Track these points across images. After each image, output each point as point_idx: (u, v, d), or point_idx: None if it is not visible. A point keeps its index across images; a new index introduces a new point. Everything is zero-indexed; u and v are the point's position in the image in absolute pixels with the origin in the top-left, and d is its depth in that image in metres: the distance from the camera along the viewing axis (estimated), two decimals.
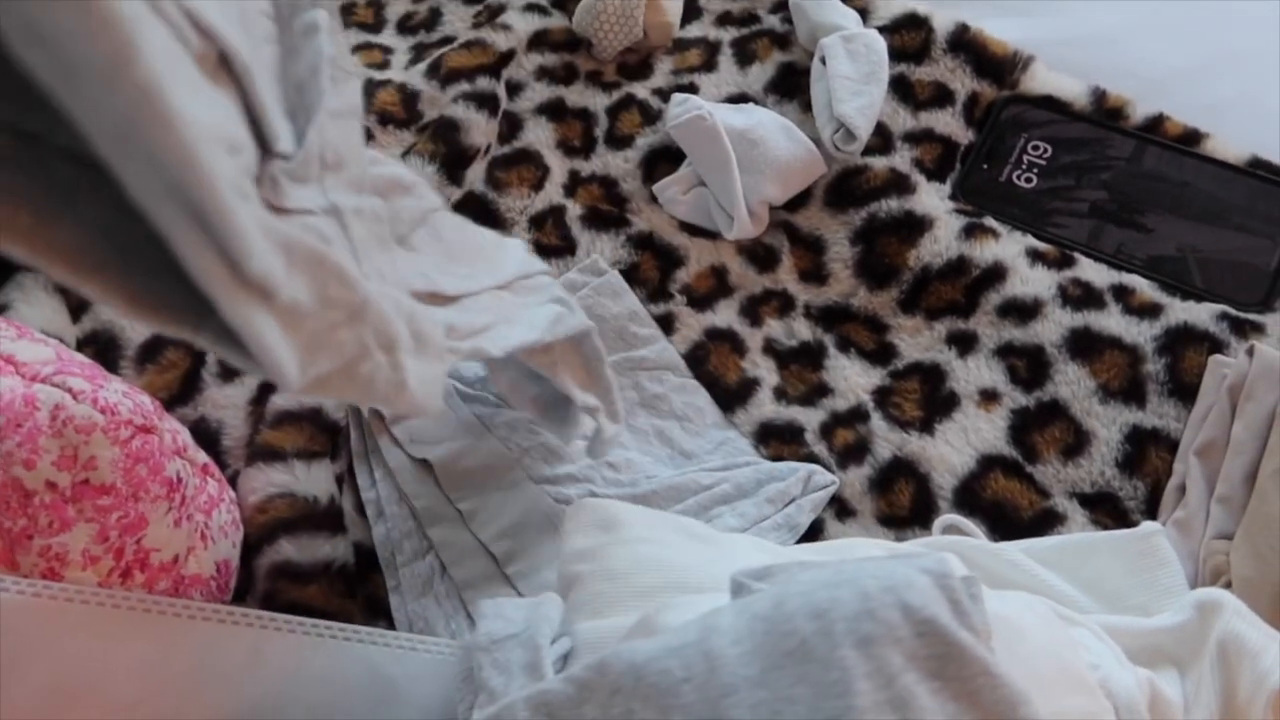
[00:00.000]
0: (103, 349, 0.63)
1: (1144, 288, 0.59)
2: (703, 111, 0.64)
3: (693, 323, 0.62)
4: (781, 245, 0.64)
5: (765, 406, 0.59)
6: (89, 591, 0.43)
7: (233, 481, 0.57)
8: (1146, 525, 0.50)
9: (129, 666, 0.44)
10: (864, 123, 0.63)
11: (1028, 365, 0.58)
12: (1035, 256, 0.61)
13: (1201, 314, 0.58)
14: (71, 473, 0.42)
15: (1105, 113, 0.66)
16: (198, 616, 0.47)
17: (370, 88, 0.74)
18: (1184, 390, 0.56)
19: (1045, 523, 0.53)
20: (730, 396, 0.59)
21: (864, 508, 0.56)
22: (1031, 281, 0.60)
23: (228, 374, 0.62)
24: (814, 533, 0.55)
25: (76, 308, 0.65)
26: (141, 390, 0.49)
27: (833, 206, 0.65)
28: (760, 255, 0.64)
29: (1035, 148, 0.65)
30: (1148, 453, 0.54)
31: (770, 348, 0.61)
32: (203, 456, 0.51)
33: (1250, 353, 0.53)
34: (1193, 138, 0.64)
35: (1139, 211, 0.62)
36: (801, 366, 0.61)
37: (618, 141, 0.69)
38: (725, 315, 0.62)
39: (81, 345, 0.61)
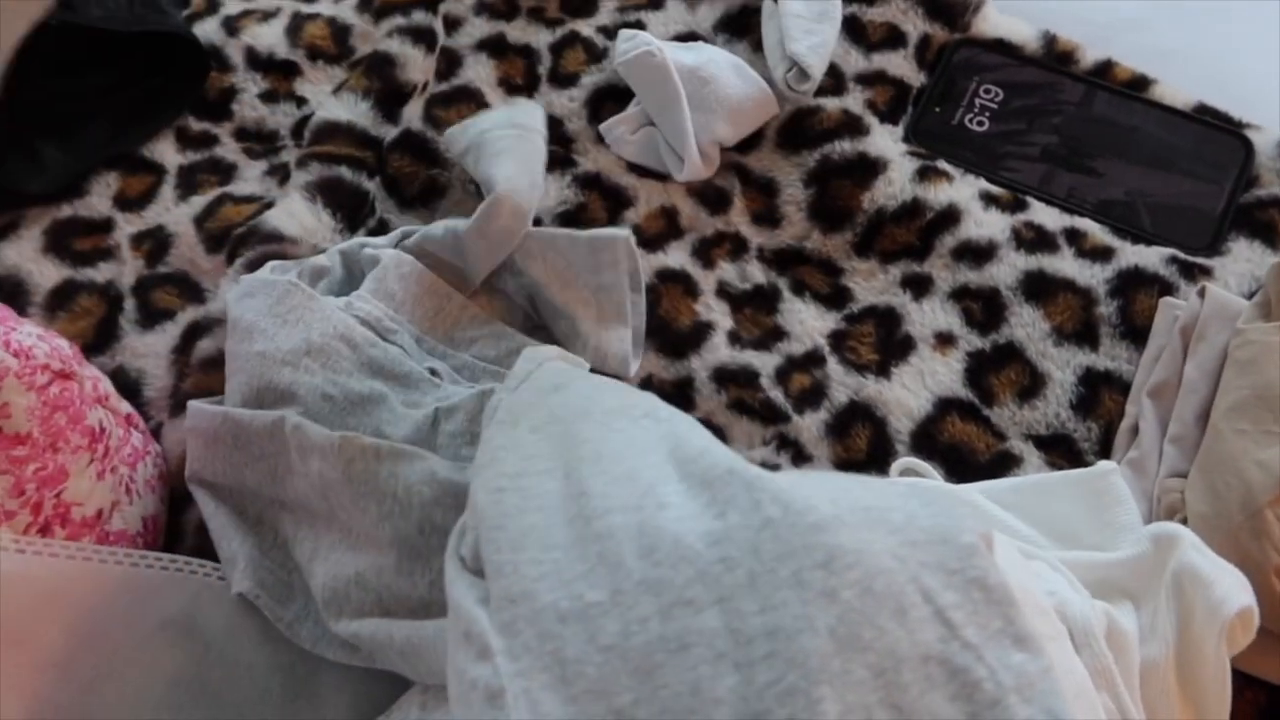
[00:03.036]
0: (8, 296, 0.58)
1: (1095, 231, 0.59)
2: (652, 48, 0.61)
3: (643, 265, 0.60)
4: (733, 187, 0.63)
5: (720, 351, 0.57)
6: (15, 539, 0.40)
7: (156, 435, 0.53)
8: (1102, 464, 0.50)
9: (62, 617, 0.41)
10: (817, 62, 0.62)
11: (983, 308, 0.57)
12: (989, 200, 0.60)
13: (1151, 257, 0.58)
14: None
15: (1056, 57, 0.65)
16: (125, 564, 0.44)
17: (298, 21, 0.69)
18: (1136, 333, 0.56)
19: (1002, 465, 0.53)
20: (683, 340, 0.58)
21: (820, 453, 0.55)
22: (985, 224, 0.59)
23: (148, 320, 0.58)
24: None
25: None
26: (58, 335, 0.45)
27: (785, 148, 0.63)
28: (711, 197, 0.62)
29: (987, 91, 0.65)
30: (1101, 394, 0.54)
31: (723, 291, 0.60)
32: (126, 407, 0.48)
33: (1201, 294, 0.54)
34: (1141, 83, 0.64)
35: (1089, 156, 0.62)
36: (755, 310, 0.59)
37: (562, 80, 0.67)
38: (677, 257, 0.61)
39: None
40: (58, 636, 0.41)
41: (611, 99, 0.66)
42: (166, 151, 0.64)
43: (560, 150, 0.64)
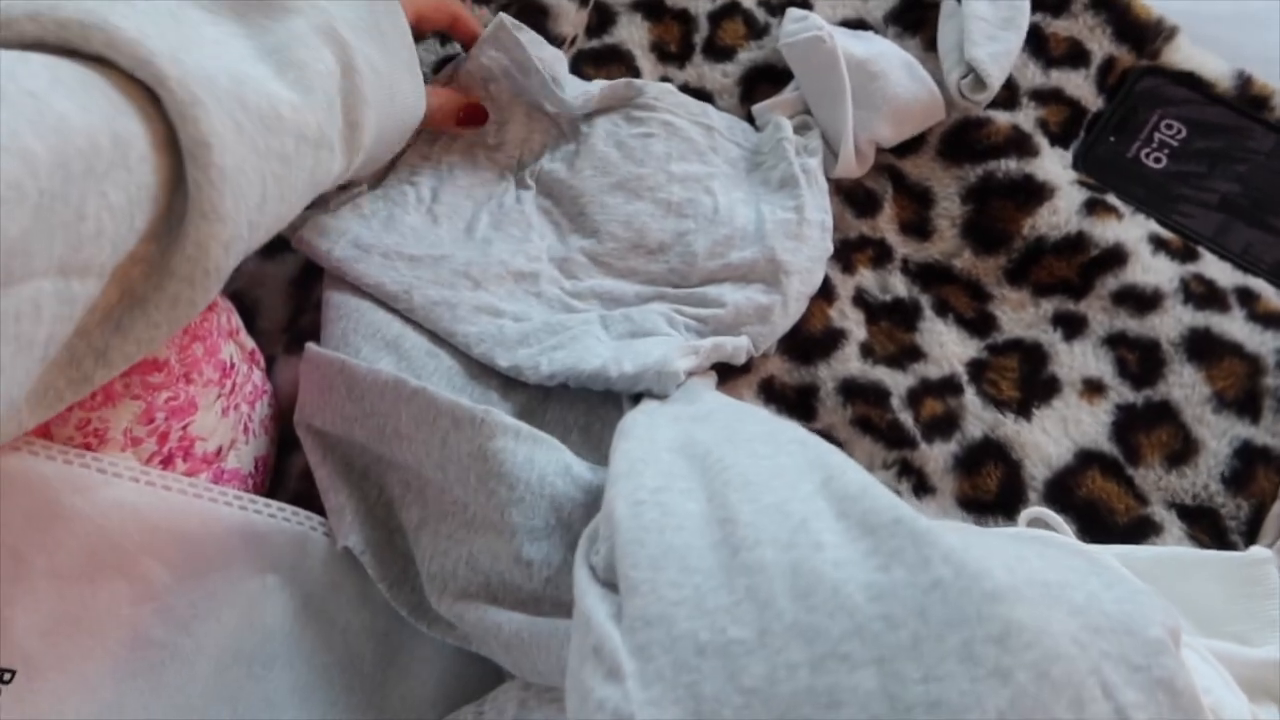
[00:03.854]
0: None
1: (1270, 295, 0.55)
2: (823, 33, 0.58)
3: None
4: (885, 191, 0.59)
5: (850, 362, 0.54)
6: (134, 468, 0.39)
7: (268, 370, 0.52)
8: (1257, 551, 0.47)
9: (166, 552, 0.40)
10: (997, 71, 0.58)
11: (1139, 360, 0.54)
12: (1158, 244, 0.56)
13: None
14: None
15: (1249, 100, 0.61)
16: (234, 505, 0.42)
17: None
18: None
19: (1139, 531, 0.50)
20: (812, 345, 0.55)
21: (945, 486, 0.52)
22: (1153, 270, 0.55)
23: (269, 247, 0.56)
24: None
25: None
26: None
27: (946, 158, 0.59)
28: (860, 198, 0.59)
29: (1168, 126, 0.60)
30: (1256, 471, 0.51)
31: (861, 299, 0.57)
32: (250, 343, 0.46)
33: None
34: None
35: (1273, 212, 0.58)
36: (893, 325, 0.56)
37: (717, 52, 0.63)
38: None
39: None
40: (160, 571, 0.40)
41: (767, 79, 0.62)
42: None
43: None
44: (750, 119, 0.61)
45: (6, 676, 0.39)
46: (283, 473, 0.49)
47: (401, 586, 0.44)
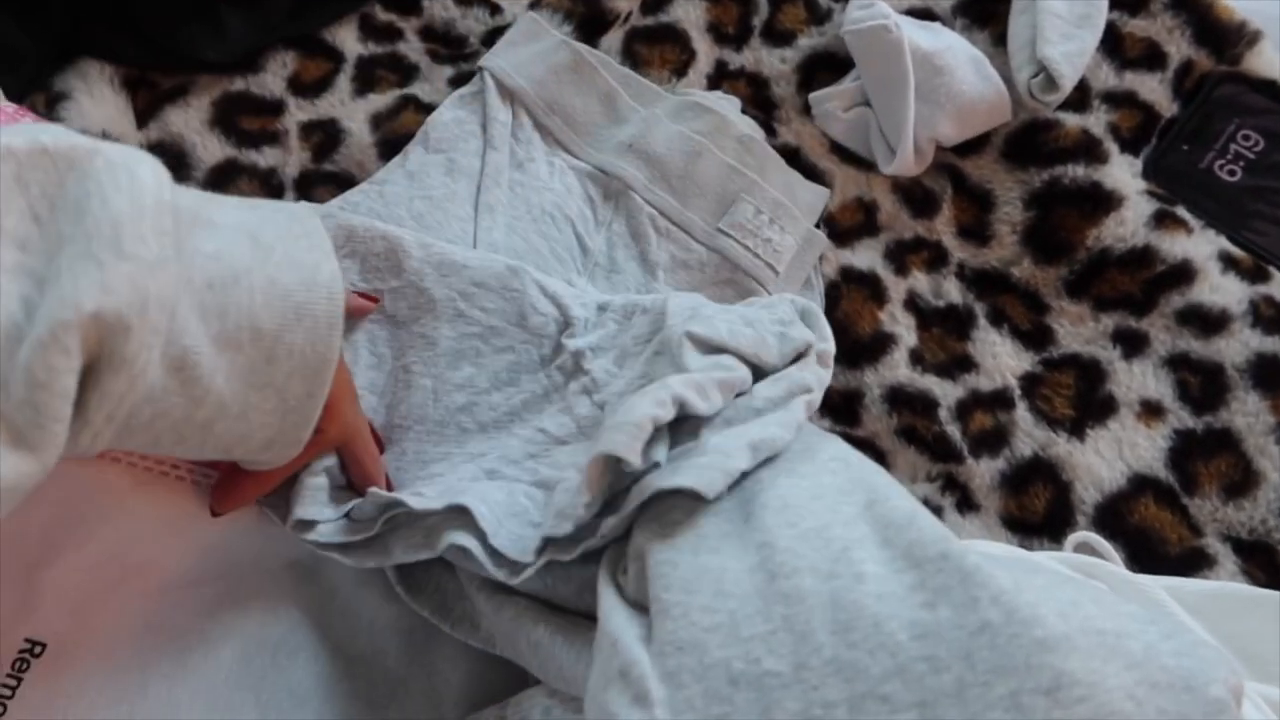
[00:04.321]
0: (170, 166, 0.55)
1: None
2: (889, 21, 0.55)
3: (829, 258, 0.55)
4: (944, 191, 0.57)
5: (899, 370, 0.53)
6: (164, 462, 0.38)
7: None
8: None
9: (194, 541, 0.39)
10: (1070, 72, 0.55)
11: (1202, 384, 0.51)
12: (1228, 262, 0.54)
13: None
14: None
15: None
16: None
17: None
18: None
19: (1191, 563, 0.48)
20: (860, 349, 0.53)
21: (990, 504, 0.50)
22: (1221, 290, 0.53)
23: None
24: None
25: (143, 111, 0.57)
26: None
27: (1010, 160, 0.57)
28: (917, 197, 0.57)
29: (1246, 138, 0.58)
30: None
31: (913, 303, 0.55)
32: None
33: None
34: None
35: None
36: (945, 332, 0.54)
37: (776, 36, 0.61)
38: (867, 257, 0.56)
39: None
40: (188, 558, 0.40)
41: (827, 67, 0.60)
42: (348, 39, 0.61)
43: (760, 115, 0.59)
44: (807, 108, 0.59)
45: (37, 649, 0.38)
46: None
47: (423, 589, 0.43)
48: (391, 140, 0.56)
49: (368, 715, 0.42)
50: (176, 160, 0.56)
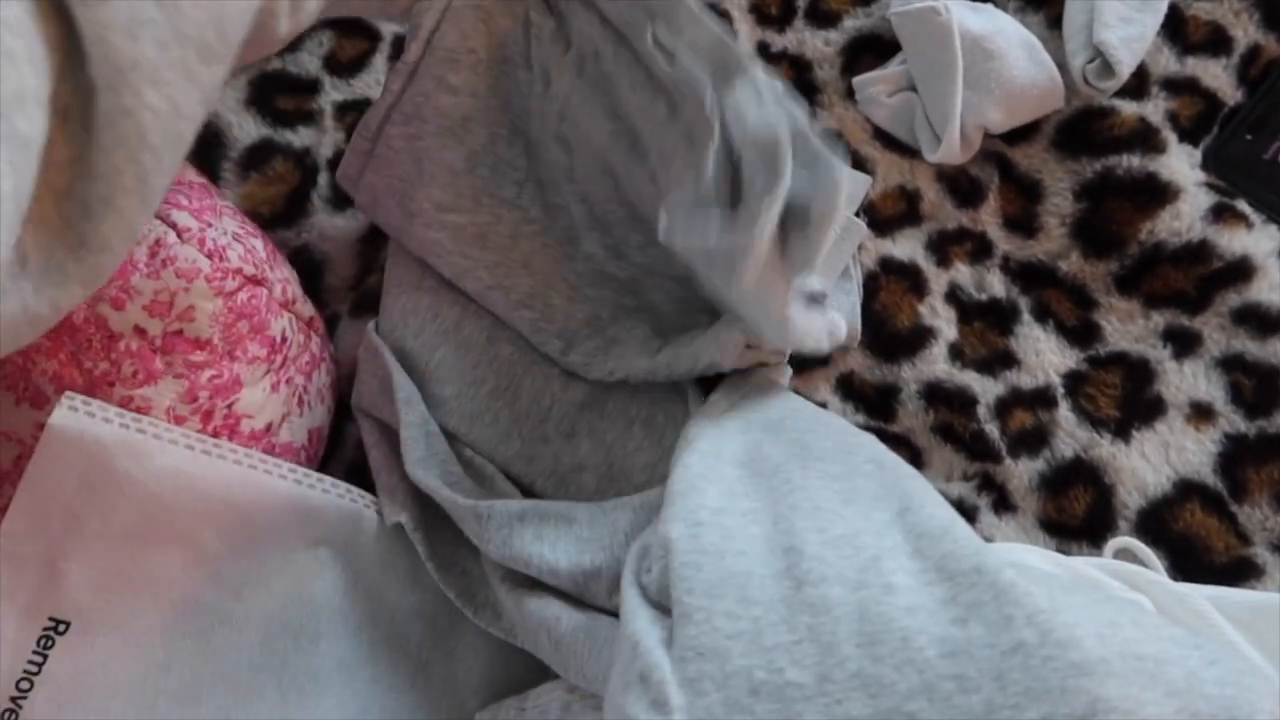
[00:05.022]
0: (204, 143, 0.55)
1: None
2: (938, 4, 0.53)
3: (868, 247, 0.54)
4: (990, 180, 0.55)
5: (937, 364, 0.51)
6: (190, 435, 0.38)
7: (330, 325, 0.51)
8: None
9: (220, 520, 0.39)
10: (1129, 58, 0.53)
11: (1256, 387, 0.49)
12: None
13: None
14: (164, 321, 0.36)
15: None
16: (289, 479, 0.42)
17: None
18: None
19: (1238, 572, 0.46)
20: (898, 342, 0.52)
21: (1028, 506, 0.49)
22: None
23: (340, 201, 0.54)
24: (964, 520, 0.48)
25: None
26: (255, 229, 0.42)
27: (1062, 149, 0.55)
28: (963, 186, 0.55)
29: None
30: None
31: (954, 296, 0.53)
32: (310, 309, 0.45)
33: None
34: None
35: None
36: (986, 326, 0.52)
37: (820, 18, 0.59)
38: (908, 247, 0.54)
39: None
40: (214, 538, 0.40)
41: (872, 50, 0.58)
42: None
43: (802, 98, 0.57)
44: (850, 92, 0.57)
45: (62, 628, 0.39)
46: (341, 439, 0.48)
47: (451, 569, 0.43)
48: None
49: (388, 700, 0.42)
50: (212, 139, 0.56)
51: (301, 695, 0.41)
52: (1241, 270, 0.51)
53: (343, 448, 0.48)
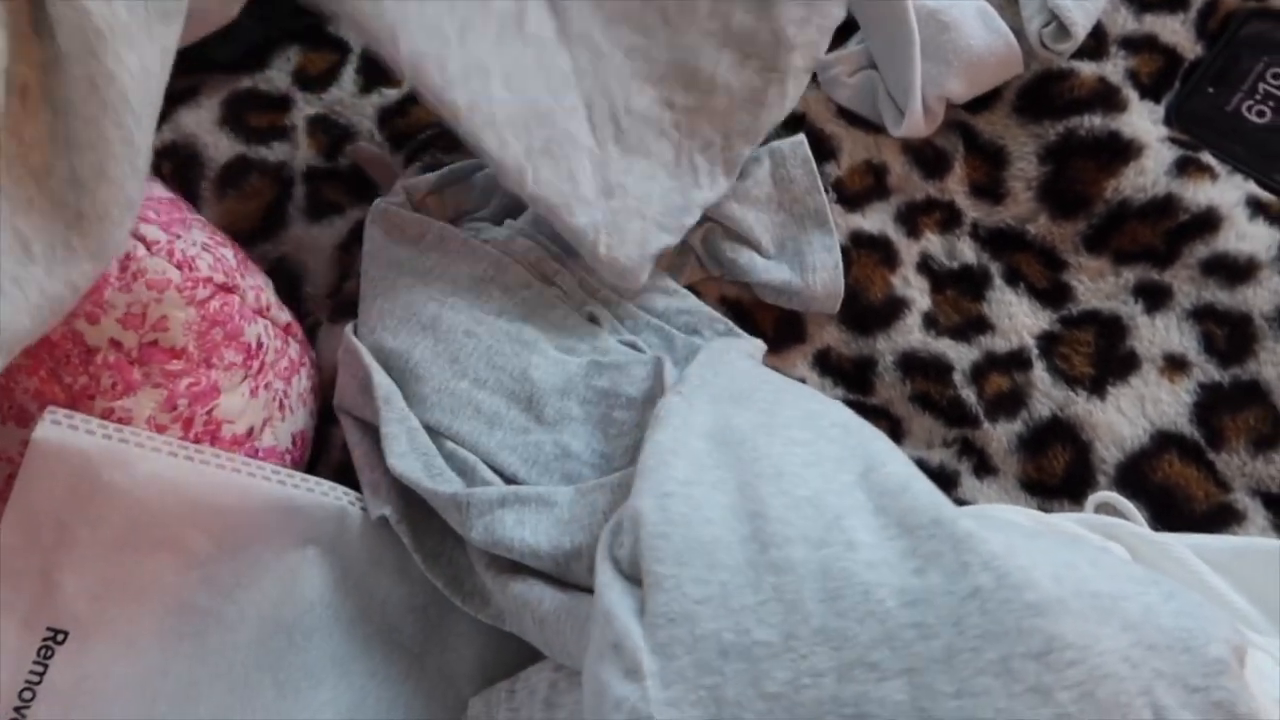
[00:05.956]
0: (181, 165, 0.57)
1: None
2: None
3: (839, 223, 0.54)
4: (955, 150, 0.56)
5: (912, 334, 0.52)
6: (171, 443, 0.39)
7: (311, 333, 0.52)
8: None
9: (208, 524, 0.40)
10: (1083, 19, 0.53)
11: (1228, 335, 0.50)
12: (1256, 208, 0.52)
13: None
14: (139, 332, 0.37)
15: None
16: (272, 480, 0.42)
17: None
18: None
19: (1219, 519, 0.47)
20: (872, 315, 0.52)
21: (1008, 468, 0.49)
22: (1249, 237, 0.51)
23: (316, 211, 0.56)
24: (946, 486, 0.49)
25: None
26: (225, 240, 0.43)
27: (1024, 114, 0.55)
28: (928, 158, 0.56)
29: (1276, 76, 0.55)
30: None
31: (926, 265, 0.54)
32: (286, 316, 0.46)
33: None
34: None
35: None
36: (959, 294, 0.53)
37: None
38: (878, 220, 0.55)
39: (158, 158, 0.55)
40: (203, 542, 0.41)
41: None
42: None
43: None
44: (813, 75, 0.58)
45: (60, 637, 0.40)
46: (326, 443, 0.49)
47: (438, 559, 0.44)
48: (400, 137, 0.57)
49: (383, 692, 0.43)
50: (189, 160, 0.57)
51: (297, 692, 0.42)
52: (1208, 221, 0.51)
53: (329, 451, 0.49)
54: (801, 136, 0.54)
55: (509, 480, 0.45)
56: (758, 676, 0.30)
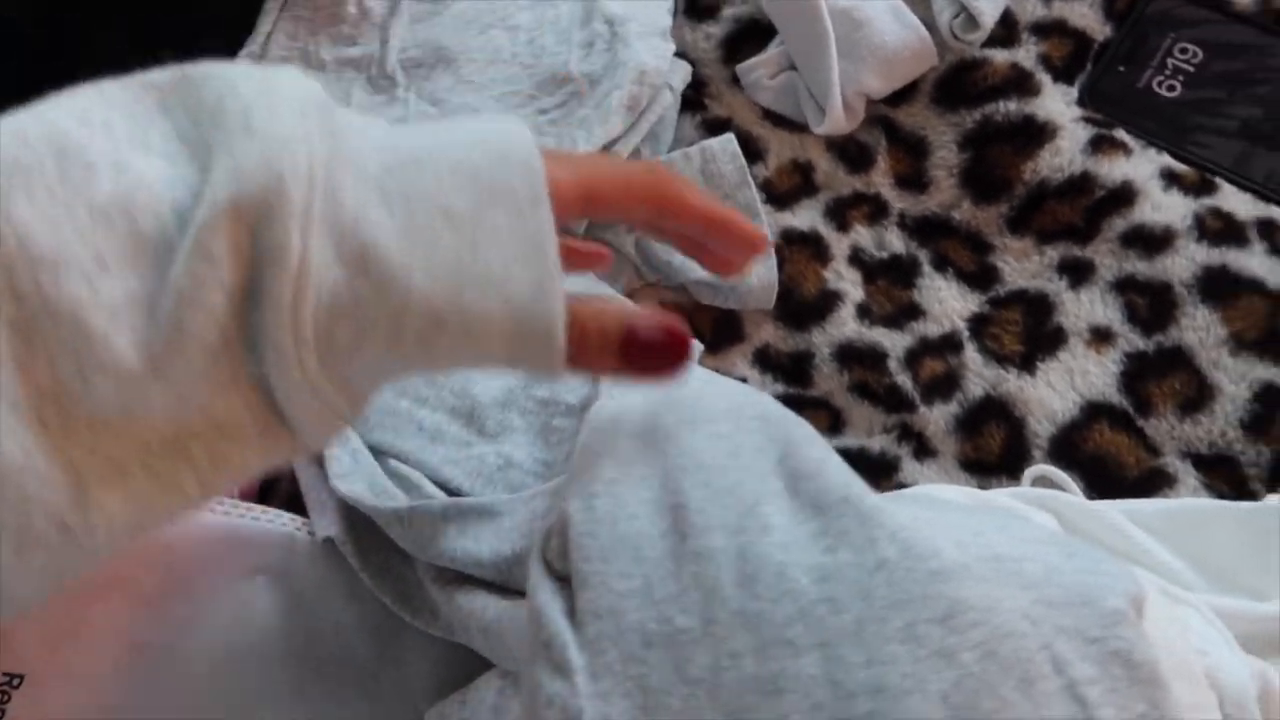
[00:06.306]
0: None
1: None
2: None
3: (770, 223, 0.55)
4: (878, 144, 0.57)
5: (847, 325, 0.53)
6: None
7: None
8: (1275, 499, 0.44)
9: (157, 560, 0.41)
10: (990, 8, 0.55)
11: (1150, 304, 0.51)
12: (1171, 179, 0.53)
13: None
14: None
15: (1274, 15, 0.57)
16: (217, 512, 0.43)
17: None
18: None
19: (1152, 484, 0.48)
20: (807, 309, 0.53)
21: (947, 449, 0.50)
22: (1164, 208, 0.52)
23: None
24: (888, 471, 0.50)
25: None
26: None
27: (941, 104, 0.57)
28: (852, 153, 0.57)
29: (1183, 51, 0.57)
30: (1278, 416, 0.48)
31: (857, 258, 0.55)
32: None
33: None
34: None
35: None
36: (890, 283, 0.54)
37: (700, 12, 0.61)
38: (807, 217, 0.56)
39: None
40: (152, 579, 0.42)
41: (753, 37, 0.60)
42: None
43: (691, 94, 0.59)
44: (736, 80, 0.59)
45: (16, 681, 0.41)
46: (276, 478, 0.50)
47: (386, 577, 0.45)
48: None
49: (344, 713, 0.44)
50: None
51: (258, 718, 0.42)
52: (1124, 195, 0.53)
53: (279, 482, 0.50)
54: (730, 135, 0.55)
55: (453, 494, 0.46)
56: (680, 662, 0.31)
